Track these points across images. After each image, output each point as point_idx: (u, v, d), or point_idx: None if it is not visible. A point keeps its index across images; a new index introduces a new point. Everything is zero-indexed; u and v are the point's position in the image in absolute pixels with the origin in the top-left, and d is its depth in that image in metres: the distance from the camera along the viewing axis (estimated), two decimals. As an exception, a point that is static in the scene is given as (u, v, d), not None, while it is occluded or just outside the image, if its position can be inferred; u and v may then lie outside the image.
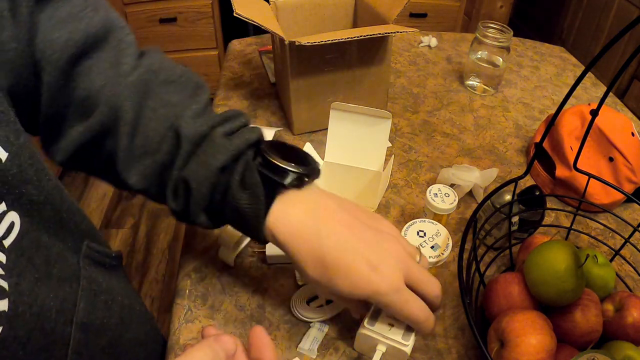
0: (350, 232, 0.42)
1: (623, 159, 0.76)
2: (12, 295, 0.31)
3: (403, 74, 1.12)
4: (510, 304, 0.54)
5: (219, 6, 2.26)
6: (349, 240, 0.42)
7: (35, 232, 0.35)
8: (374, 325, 0.47)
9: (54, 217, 0.38)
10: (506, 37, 1.00)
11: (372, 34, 0.75)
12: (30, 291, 0.33)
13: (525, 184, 0.75)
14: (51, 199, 0.37)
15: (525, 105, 1.05)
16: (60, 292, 0.37)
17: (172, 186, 0.44)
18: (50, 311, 0.35)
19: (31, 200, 0.35)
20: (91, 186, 2.15)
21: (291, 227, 0.42)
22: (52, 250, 0.37)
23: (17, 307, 0.31)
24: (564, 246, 0.52)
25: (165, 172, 0.44)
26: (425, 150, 0.89)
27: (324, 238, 0.41)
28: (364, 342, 0.49)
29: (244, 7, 0.75)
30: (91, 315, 0.41)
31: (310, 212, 0.42)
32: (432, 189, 0.69)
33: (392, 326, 0.47)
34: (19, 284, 0.32)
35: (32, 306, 0.33)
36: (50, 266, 0.36)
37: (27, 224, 0.34)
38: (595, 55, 0.45)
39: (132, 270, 1.83)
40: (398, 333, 0.46)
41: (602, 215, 0.78)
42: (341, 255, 0.41)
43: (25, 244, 0.33)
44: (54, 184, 0.38)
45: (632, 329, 0.52)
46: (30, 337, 0.33)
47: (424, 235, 0.60)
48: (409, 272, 0.43)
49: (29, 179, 0.34)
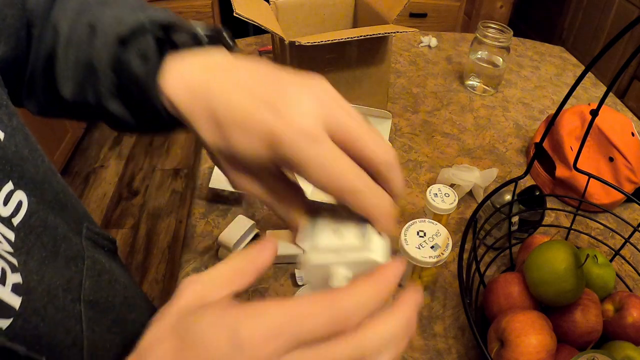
0: (248, 75, 0.32)
1: (623, 159, 0.76)
2: (23, 272, 0.32)
3: (403, 74, 1.12)
4: (510, 304, 0.54)
5: (219, 6, 2.26)
6: (243, 84, 0.31)
7: (42, 212, 0.36)
8: (314, 240, 0.31)
9: (54, 198, 0.39)
10: (506, 37, 1.00)
11: (372, 34, 0.75)
12: (38, 269, 0.34)
13: (525, 184, 0.75)
14: (48, 179, 0.39)
15: (525, 105, 1.05)
16: (67, 271, 0.38)
17: (84, 75, 0.40)
18: (57, 289, 0.36)
19: (32, 179, 0.36)
20: (91, 186, 2.15)
21: (183, 84, 0.34)
22: (57, 230, 0.38)
23: (29, 282, 0.32)
24: (564, 246, 0.52)
25: (89, 67, 0.40)
26: (425, 150, 0.89)
27: (214, 89, 0.32)
28: (311, 273, 0.31)
29: (244, 7, 0.75)
30: (97, 293, 0.41)
31: (203, 66, 0.34)
32: (432, 189, 0.69)
33: (339, 232, 0.31)
34: (27, 261, 0.33)
35: (41, 283, 0.34)
36: (57, 245, 0.37)
37: (34, 203, 0.35)
38: (595, 55, 0.45)
39: (132, 270, 1.83)
40: (350, 236, 0.30)
41: (602, 215, 0.78)
42: (233, 103, 0.30)
43: (33, 223, 0.34)
44: (48, 165, 0.39)
45: (632, 329, 0.52)
46: (46, 310, 0.34)
47: (424, 235, 0.60)
48: (333, 120, 0.28)
49: (26, 157, 0.35)
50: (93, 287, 0.41)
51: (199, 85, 0.33)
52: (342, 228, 0.31)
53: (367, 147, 0.29)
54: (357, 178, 0.29)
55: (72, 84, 0.40)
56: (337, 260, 0.30)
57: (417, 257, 0.58)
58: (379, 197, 0.30)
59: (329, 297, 0.24)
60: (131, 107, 0.39)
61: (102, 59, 0.38)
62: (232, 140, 0.30)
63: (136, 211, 2.06)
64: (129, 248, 1.91)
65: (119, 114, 0.40)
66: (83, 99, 0.40)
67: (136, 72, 0.36)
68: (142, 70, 0.36)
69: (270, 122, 0.28)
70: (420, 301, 0.27)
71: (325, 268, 0.30)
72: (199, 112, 0.32)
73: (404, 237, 0.60)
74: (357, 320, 0.24)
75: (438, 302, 0.64)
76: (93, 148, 2.35)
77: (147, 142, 2.40)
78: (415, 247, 0.59)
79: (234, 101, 0.30)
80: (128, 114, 0.40)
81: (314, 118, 0.28)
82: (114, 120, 0.41)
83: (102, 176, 2.21)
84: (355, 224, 0.31)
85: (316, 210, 0.33)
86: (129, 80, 0.37)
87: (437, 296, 0.64)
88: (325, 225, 0.31)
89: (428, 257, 0.58)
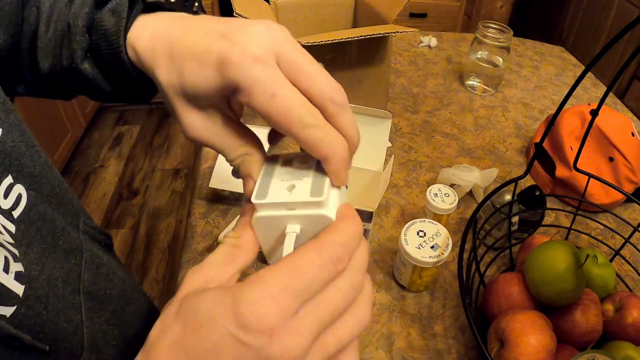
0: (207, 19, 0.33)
1: (623, 159, 0.76)
2: (24, 262, 0.33)
3: (403, 74, 1.12)
4: (510, 304, 0.54)
5: (219, 6, 2.26)
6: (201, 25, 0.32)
7: (40, 206, 0.37)
8: (267, 194, 0.29)
9: (52, 192, 0.40)
10: (506, 37, 1.00)
11: (372, 34, 0.75)
12: (37, 260, 0.34)
13: (525, 184, 0.75)
14: (45, 173, 0.39)
15: (525, 105, 1.05)
16: (66, 263, 0.38)
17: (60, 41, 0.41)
18: (57, 280, 0.36)
19: (30, 173, 0.37)
20: (91, 186, 2.15)
21: (147, 32, 0.35)
22: (56, 223, 0.38)
23: (30, 271, 0.33)
24: (564, 246, 0.52)
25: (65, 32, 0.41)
26: (425, 150, 0.89)
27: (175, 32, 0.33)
28: (264, 232, 0.30)
29: (244, 7, 0.75)
30: (95, 285, 0.42)
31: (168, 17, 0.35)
32: (432, 189, 0.69)
33: (293, 187, 0.29)
34: (27, 253, 0.33)
35: (42, 273, 0.34)
36: (56, 238, 0.38)
37: (33, 197, 0.36)
38: (595, 55, 0.45)
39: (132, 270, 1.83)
40: (304, 191, 0.29)
41: (602, 215, 0.78)
42: (189, 39, 0.31)
43: (32, 216, 0.35)
44: (45, 160, 0.40)
45: (632, 329, 0.52)
46: (48, 299, 0.34)
47: (424, 235, 0.60)
48: (284, 52, 0.29)
49: (23, 152, 0.36)
50: (91, 280, 0.42)
51: (161, 31, 0.33)
52: (298, 181, 0.30)
53: (318, 83, 0.28)
54: (307, 111, 0.28)
55: (51, 57, 0.40)
56: (288, 214, 0.29)
57: (417, 257, 0.58)
58: (331, 135, 0.28)
59: (318, 243, 0.25)
60: (102, 66, 0.40)
61: (78, 22, 0.38)
62: (185, 73, 0.30)
63: (136, 211, 2.06)
64: (129, 248, 1.91)
65: (91, 76, 0.40)
66: (59, 68, 0.41)
67: (106, 27, 0.37)
68: (112, 24, 0.37)
69: (222, 48, 0.28)
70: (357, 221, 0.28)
71: (276, 222, 0.30)
72: (159, 54, 0.32)
73: (404, 237, 0.60)
74: (348, 259, 0.25)
75: (438, 302, 0.64)
76: (93, 148, 2.35)
77: (147, 142, 2.40)
78: (415, 247, 0.59)
79: (190, 37, 0.31)
80: (99, 74, 0.40)
81: (264, 45, 0.28)
82: (88, 84, 0.41)
83: (102, 176, 2.21)
84: (313, 176, 0.30)
85: (273, 160, 0.32)
86: (100, 37, 0.38)
87: (437, 296, 0.64)
88: (280, 178, 0.30)
89: (428, 257, 0.58)
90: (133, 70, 0.37)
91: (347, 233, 0.26)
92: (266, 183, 0.30)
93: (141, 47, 0.35)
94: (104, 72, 0.41)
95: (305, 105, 0.28)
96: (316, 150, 0.28)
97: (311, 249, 0.24)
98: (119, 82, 0.41)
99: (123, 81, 0.40)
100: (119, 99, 0.44)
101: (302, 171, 0.30)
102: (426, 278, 0.62)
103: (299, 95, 0.28)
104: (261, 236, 0.31)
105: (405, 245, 0.59)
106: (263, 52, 0.28)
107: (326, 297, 0.24)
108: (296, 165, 0.31)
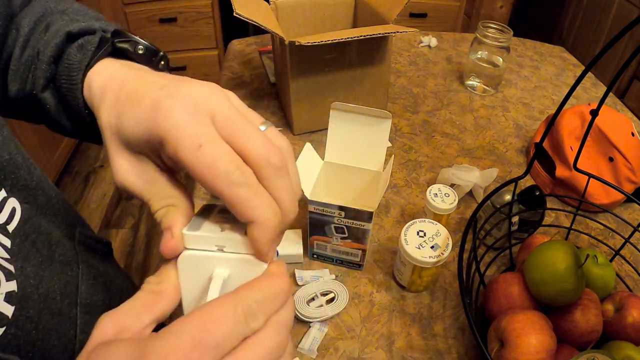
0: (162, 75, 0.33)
1: (623, 159, 0.76)
2: (19, 278, 0.32)
3: (403, 74, 1.12)
4: (510, 304, 0.54)
5: (219, 6, 2.26)
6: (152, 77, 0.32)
7: (35, 218, 0.37)
8: (199, 229, 0.28)
9: (47, 204, 0.40)
10: (506, 37, 1.00)
11: (372, 34, 0.75)
12: (35, 274, 0.34)
13: (525, 184, 0.75)
14: (41, 185, 0.40)
15: (525, 105, 1.05)
16: (63, 275, 0.38)
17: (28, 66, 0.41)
18: (55, 293, 0.36)
19: (26, 185, 0.37)
20: (91, 186, 2.15)
21: (105, 73, 0.36)
22: (51, 235, 0.38)
23: (25, 289, 0.33)
24: (564, 246, 0.52)
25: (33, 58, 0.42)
26: (425, 150, 0.89)
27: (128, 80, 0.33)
28: (189, 276, 0.28)
29: (244, 7, 0.75)
30: (93, 297, 0.42)
31: (130, 65, 0.36)
32: (432, 189, 0.69)
33: (227, 228, 0.28)
34: (24, 267, 0.33)
35: (39, 288, 0.34)
36: (52, 251, 0.38)
37: (28, 210, 0.36)
38: (595, 55, 0.45)
39: (132, 270, 1.83)
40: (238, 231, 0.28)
41: (602, 215, 0.78)
42: (136, 87, 0.31)
43: (28, 229, 0.35)
44: (40, 172, 0.40)
45: (632, 329, 0.52)
46: (40, 317, 0.34)
47: (424, 235, 0.60)
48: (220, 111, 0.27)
49: (20, 165, 0.37)
50: (89, 291, 0.42)
51: (117, 76, 0.34)
52: (233, 224, 0.28)
53: (253, 142, 0.26)
54: (236, 167, 0.25)
55: (19, 81, 0.41)
56: (217, 256, 0.28)
57: (417, 257, 0.58)
58: (261, 198, 0.26)
59: (234, 295, 0.23)
60: (60, 99, 0.40)
61: (46, 51, 0.39)
62: (122, 116, 0.30)
63: (136, 211, 2.05)
64: (129, 248, 1.91)
65: (48, 106, 0.40)
66: (23, 93, 0.41)
67: (71, 61, 0.38)
68: (77, 59, 0.37)
69: (158, 96, 0.28)
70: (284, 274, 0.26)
71: (204, 264, 0.28)
72: (107, 96, 0.32)
73: (404, 237, 0.60)
74: (263, 318, 0.24)
75: (438, 302, 0.64)
76: (93, 148, 2.35)
77: (147, 142, 2.40)
78: (415, 247, 0.59)
79: (137, 85, 0.31)
80: (57, 107, 0.40)
81: (201, 100, 0.27)
82: (47, 115, 0.41)
83: (102, 176, 2.21)
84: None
85: (208, 209, 0.31)
86: (63, 70, 0.39)
87: (437, 296, 0.64)
88: (214, 220, 0.29)
89: (428, 257, 0.58)
90: (85, 109, 0.37)
91: (268, 291, 0.24)
92: (199, 223, 0.29)
93: (95, 85, 0.35)
94: (62, 105, 0.40)
95: (235, 161, 0.26)
96: (241, 212, 0.25)
97: (226, 301, 0.23)
98: (74, 119, 0.41)
99: (77, 119, 0.40)
100: (77, 136, 0.44)
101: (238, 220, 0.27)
102: (426, 278, 0.62)
103: (230, 152, 0.26)
104: (185, 281, 0.28)
105: (405, 245, 0.59)
106: (196, 106, 0.27)
107: (242, 356, 0.22)
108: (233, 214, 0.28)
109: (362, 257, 0.65)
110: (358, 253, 0.65)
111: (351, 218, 0.60)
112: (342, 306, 0.60)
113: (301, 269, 0.66)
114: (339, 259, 0.67)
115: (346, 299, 0.61)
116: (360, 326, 0.60)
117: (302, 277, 0.64)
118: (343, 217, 0.60)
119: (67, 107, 0.40)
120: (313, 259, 0.68)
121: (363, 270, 0.67)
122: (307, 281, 0.64)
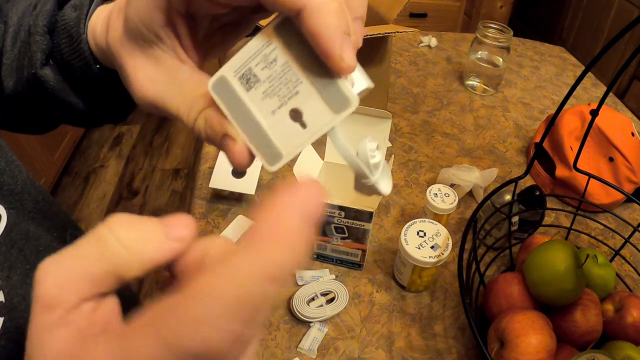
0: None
1: (623, 159, 0.76)
2: (6, 288, 0.31)
3: (403, 74, 1.12)
4: (510, 304, 0.54)
5: (219, 6, 2.26)
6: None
7: (22, 224, 0.36)
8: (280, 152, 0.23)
9: (35, 207, 0.39)
10: (506, 37, 1.00)
11: (372, 34, 0.75)
12: (22, 283, 0.33)
13: (525, 184, 0.75)
14: (27, 188, 0.38)
15: (525, 105, 1.05)
16: None
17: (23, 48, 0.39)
18: None
19: (11, 190, 0.36)
20: (91, 186, 2.15)
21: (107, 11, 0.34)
22: (40, 241, 0.37)
23: (12, 299, 0.32)
24: (564, 246, 0.52)
25: (27, 37, 0.39)
26: (425, 150, 0.89)
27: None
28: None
29: (244, 7, 0.75)
30: None
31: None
32: (432, 189, 0.69)
33: (299, 114, 0.23)
34: (9, 277, 0.32)
35: (26, 298, 0.33)
36: (40, 257, 0.36)
37: (14, 216, 0.35)
38: (595, 55, 0.45)
39: (132, 270, 1.83)
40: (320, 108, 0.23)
41: (602, 215, 0.78)
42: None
43: (14, 237, 0.34)
44: (26, 175, 0.39)
45: (632, 329, 0.52)
46: None
47: (424, 235, 0.60)
48: None
49: (3, 169, 0.35)
50: None
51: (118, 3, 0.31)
52: (294, 101, 0.22)
53: None
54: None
55: (15, 73, 0.39)
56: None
57: (417, 257, 0.58)
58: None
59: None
60: (63, 69, 0.38)
61: (38, 21, 0.37)
62: (129, 6, 0.26)
63: (136, 211, 2.05)
64: (129, 248, 1.91)
65: (52, 83, 0.38)
66: (21, 84, 0.39)
67: (67, 20, 0.36)
68: (73, 17, 0.36)
69: None
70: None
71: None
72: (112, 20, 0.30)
73: (404, 237, 0.60)
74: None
75: (438, 302, 0.64)
76: (93, 148, 2.35)
77: (147, 142, 2.40)
78: (415, 247, 0.59)
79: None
80: (62, 83, 0.38)
81: None
82: (52, 98, 0.39)
83: (102, 176, 2.21)
84: (307, 78, 0.22)
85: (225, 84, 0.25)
86: (61, 34, 0.37)
87: (437, 296, 0.64)
88: (264, 108, 0.23)
89: (428, 257, 0.58)
90: (95, 64, 0.34)
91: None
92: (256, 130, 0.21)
93: (99, 24, 0.33)
94: (66, 78, 0.38)
95: None
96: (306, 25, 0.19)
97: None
98: (82, 90, 0.38)
99: (86, 87, 0.37)
100: (86, 118, 0.41)
101: (283, 78, 0.21)
102: (426, 278, 0.62)
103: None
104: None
105: (405, 245, 0.59)
106: None
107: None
108: (264, 74, 0.21)
109: (362, 257, 0.65)
110: (358, 253, 0.65)
111: (351, 218, 0.60)
112: (342, 306, 0.60)
113: (301, 269, 0.66)
114: (339, 259, 0.67)
115: (346, 299, 0.61)
116: (360, 326, 0.60)
117: (302, 277, 0.64)
118: (343, 217, 0.60)
119: (72, 78, 0.38)
120: (313, 259, 0.68)
121: (363, 270, 0.67)
122: (307, 281, 0.64)
